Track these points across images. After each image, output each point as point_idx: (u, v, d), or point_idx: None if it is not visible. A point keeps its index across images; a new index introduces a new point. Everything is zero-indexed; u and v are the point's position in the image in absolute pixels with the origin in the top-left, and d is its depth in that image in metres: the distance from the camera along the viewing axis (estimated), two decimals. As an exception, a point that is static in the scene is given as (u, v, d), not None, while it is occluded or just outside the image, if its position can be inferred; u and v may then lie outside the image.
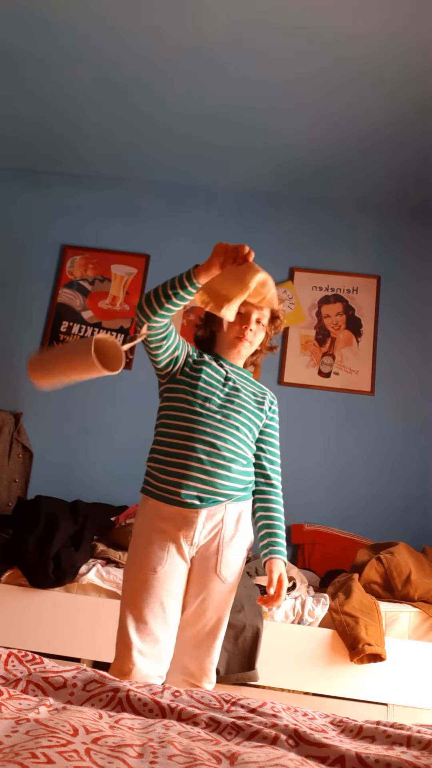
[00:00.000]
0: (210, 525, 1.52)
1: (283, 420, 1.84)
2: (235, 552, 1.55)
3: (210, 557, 1.52)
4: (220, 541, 1.52)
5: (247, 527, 1.61)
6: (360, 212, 3.33)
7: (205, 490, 1.50)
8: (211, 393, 1.59)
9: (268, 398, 1.72)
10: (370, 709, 1.96)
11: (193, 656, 1.52)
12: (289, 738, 0.79)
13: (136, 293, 3.27)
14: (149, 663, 1.44)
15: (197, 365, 1.62)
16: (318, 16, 2.19)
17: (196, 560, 1.52)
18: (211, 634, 1.52)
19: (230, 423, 1.56)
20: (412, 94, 2.52)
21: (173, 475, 1.51)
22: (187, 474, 1.50)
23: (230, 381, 1.65)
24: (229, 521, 1.54)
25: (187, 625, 1.51)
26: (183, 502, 1.49)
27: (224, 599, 1.53)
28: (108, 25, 2.36)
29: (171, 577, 1.48)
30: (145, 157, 3.23)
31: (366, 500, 2.91)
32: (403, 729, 0.87)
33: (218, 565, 1.52)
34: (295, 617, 2.08)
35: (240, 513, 1.57)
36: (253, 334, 1.68)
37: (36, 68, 2.65)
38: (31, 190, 3.44)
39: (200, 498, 1.50)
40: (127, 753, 0.67)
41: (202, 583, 1.51)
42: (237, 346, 1.67)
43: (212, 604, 1.51)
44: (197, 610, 1.51)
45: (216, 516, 1.52)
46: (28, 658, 1.01)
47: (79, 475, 2.99)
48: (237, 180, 3.32)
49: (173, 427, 1.56)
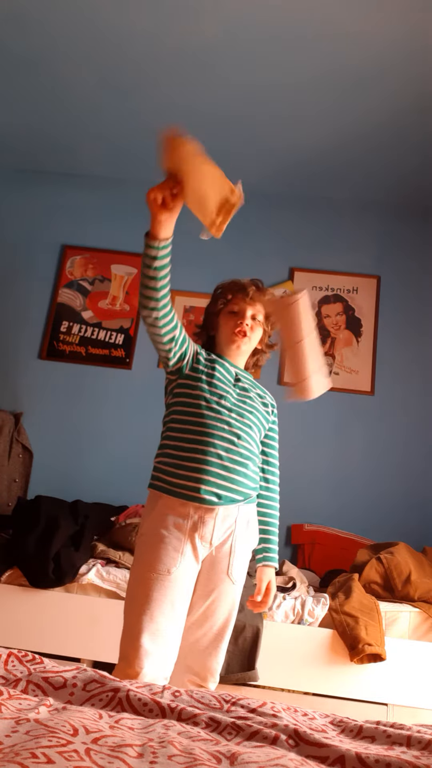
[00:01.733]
0: (224, 525, 1.50)
1: (283, 420, 1.84)
2: (244, 554, 1.55)
3: (222, 559, 1.51)
4: (233, 542, 1.52)
5: (255, 530, 1.61)
6: (360, 212, 3.33)
7: (224, 486, 1.49)
8: (225, 391, 1.59)
9: (270, 401, 1.72)
10: (370, 709, 1.96)
11: (199, 657, 1.51)
12: (289, 738, 0.79)
13: (136, 293, 3.26)
14: (157, 666, 1.41)
15: (210, 362, 1.62)
16: (318, 16, 2.19)
17: (207, 561, 1.51)
18: (219, 636, 1.51)
19: (245, 422, 1.57)
20: (413, 94, 2.52)
21: (191, 470, 1.49)
22: (206, 469, 1.48)
23: (240, 381, 1.65)
24: (241, 522, 1.54)
25: (195, 627, 1.50)
26: (202, 498, 1.46)
27: (233, 601, 1.53)
28: (109, 26, 2.36)
29: (183, 578, 1.46)
30: (145, 157, 3.22)
31: (366, 500, 2.91)
32: (403, 729, 0.87)
33: (230, 566, 1.51)
34: (295, 617, 2.08)
35: (250, 515, 1.58)
36: (250, 329, 1.67)
37: (36, 68, 2.65)
38: (31, 190, 3.44)
39: (218, 495, 1.48)
40: (127, 753, 0.67)
41: (213, 585, 1.50)
42: (236, 341, 1.66)
43: (221, 606, 1.50)
44: (206, 611, 1.50)
45: (230, 517, 1.51)
46: (28, 658, 1.01)
47: (79, 475, 2.99)
48: (237, 180, 3.31)
49: (189, 423, 1.54)
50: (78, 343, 3.20)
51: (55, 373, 3.14)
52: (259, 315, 1.69)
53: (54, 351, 3.19)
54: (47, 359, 3.18)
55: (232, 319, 1.67)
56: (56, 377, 3.14)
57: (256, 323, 1.69)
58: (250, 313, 1.67)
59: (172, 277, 1.49)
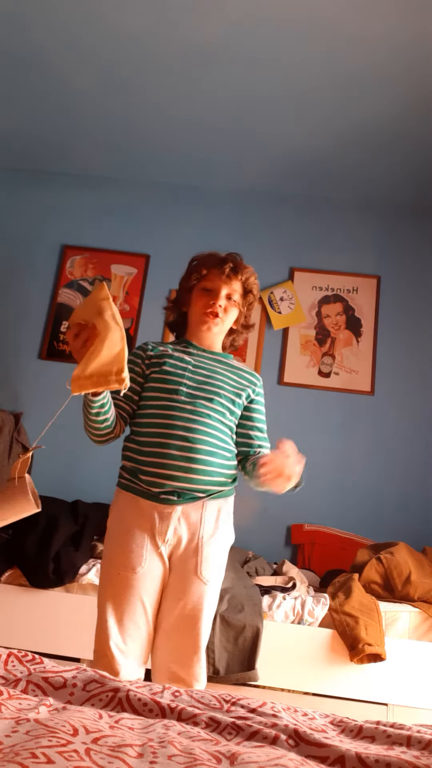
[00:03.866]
0: (186, 523, 1.46)
1: (283, 420, 1.84)
2: (215, 550, 1.48)
3: (189, 559, 1.45)
4: (199, 540, 1.46)
5: (228, 525, 1.55)
6: (360, 212, 3.33)
7: (182, 486, 1.44)
8: (177, 384, 1.52)
9: (249, 380, 1.62)
10: (370, 709, 1.96)
11: (180, 661, 1.44)
12: (289, 738, 0.79)
13: (136, 293, 3.27)
14: (132, 662, 1.40)
15: (158, 359, 1.57)
16: (318, 16, 2.19)
17: (175, 563, 1.46)
18: (196, 637, 1.44)
19: (202, 412, 1.48)
20: (413, 94, 2.52)
21: (149, 474, 1.46)
22: (162, 473, 1.44)
23: (200, 368, 1.56)
24: (209, 519, 1.48)
25: (171, 631, 1.44)
26: (159, 497, 1.45)
27: (208, 601, 1.45)
28: (109, 26, 2.36)
29: (149, 575, 1.43)
30: (145, 157, 3.23)
31: (366, 500, 2.91)
32: (403, 729, 0.87)
33: (198, 566, 1.45)
34: (295, 617, 2.08)
35: (219, 509, 1.51)
36: (224, 310, 1.59)
37: (36, 68, 2.65)
38: (31, 190, 3.44)
39: (177, 494, 1.44)
40: (127, 753, 0.67)
41: (183, 587, 1.44)
42: (206, 322, 1.59)
43: (195, 608, 1.43)
44: (180, 614, 1.43)
45: (193, 514, 1.46)
46: (28, 658, 1.01)
47: (79, 475, 2.99)
48: (237, 180, 3.32)
49: (145, 424, 1.51)
50: (78, 343, 3.19)
51: (55, 373, 3.14)
52: (235, 294, 1.60)
53: (54, 351, 3.19)
54: (47, 359, 3.18)
55: (205, 297, 1.59)
56: (56, 377, 3.14)
57: (231, 303, 1.61)
58: (224, 293, 1.58)
59: (172, 277, 1.49)
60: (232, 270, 1.59)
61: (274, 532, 2.88)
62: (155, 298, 3.21)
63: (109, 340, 1.27)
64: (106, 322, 1.28)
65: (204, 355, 1.61)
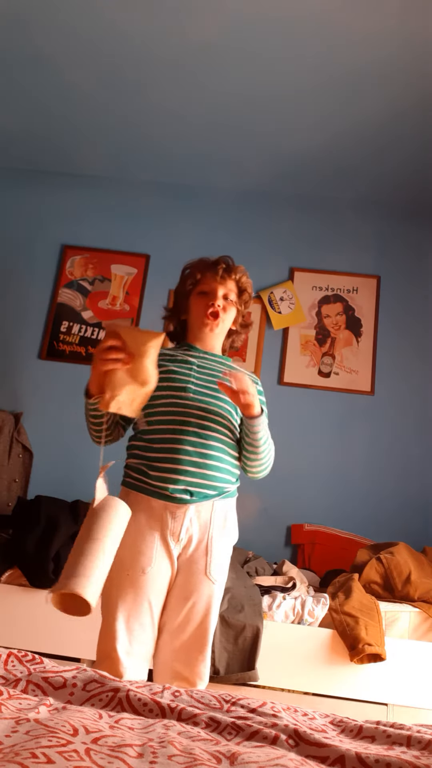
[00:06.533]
0: (198, 523, 1.47)
1: (283, 420, 1.83)
2: (222, 551, 1.50)
3: (199, 559, 1.46)
4: (209, 541, 1.47)
5: (234, 525, 1.56)
6: (360, 212, 3.33)
7: (196, 483, 1.45)
8: (185, 382, 1.53)
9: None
10: (370, 709, 1.96)
11: (185, 661, 1.45)
12: (289, 738, 0.79)
13: (136, 293, 3.27)
14: (136, 664, 1.40)
15: (161, 359, 1.56)
16: (318, 15, 2.19)
17: (184, 562, 1.47)
18: (204, 637, 1.46)
19: (212, 410, 1.50)
20: (413, 94, 2.52)
21: (161, 470, 1.46)
22: (176, 468, 1.44)
23: (204, 368, 1.58)
24: (218, 519, 1.49)
25: (179, 631, 1.44)
26: (172, 497, 1.44)
27: (215, 601, 1.48)
28: (109, 25, 2.36)
29: (158, 576, 1.44)
30: (145, 157, 3.23)
31: (366, 500, 2.91)
32: (403, 729, 0.87)
33: (208, 566, 1.46)
34: (295, 617, 2.08)
35: (227, 511, 1.53)
36: (223, 309, 1.60)
37: (36, 68, 2.65)
38: (31, 190, 3.44)
39: (190, 492, 1.45)
40: (127, 753, 0.67)
41: (192, 587, 1.45)
42: (208, 324, 1.60)
43: (203, 608, 1.45)
44: (188, 614, 1.44)
45: (204, 513, 1.47)
46: (28, 658, 1.01)
47: (79, 475, 2.98)
48: (237, 180, 3.32)
49: (155, 422, 1.51)
50: (78, 343, 3.19)
51: (55, 373, 3.14)
52: (232, 294, 1.62)
53: (54, 351, 3.19)
54: (47, 359, 3.18)
55: (203, 299, 1.60)
56: (56, 377, 3.14)
57: (229, 303, 1.62)
58: (221, 293, 1.60)
59: (172, 277, 1.49)
60: (225, 271, 1.61)
61: (274, 532, 2.88)
62: (155, 298, 3.21)
63: (141, 378, 1.28)
64: (146, 367, 1.28)
65: (206, 357, 1.63)
